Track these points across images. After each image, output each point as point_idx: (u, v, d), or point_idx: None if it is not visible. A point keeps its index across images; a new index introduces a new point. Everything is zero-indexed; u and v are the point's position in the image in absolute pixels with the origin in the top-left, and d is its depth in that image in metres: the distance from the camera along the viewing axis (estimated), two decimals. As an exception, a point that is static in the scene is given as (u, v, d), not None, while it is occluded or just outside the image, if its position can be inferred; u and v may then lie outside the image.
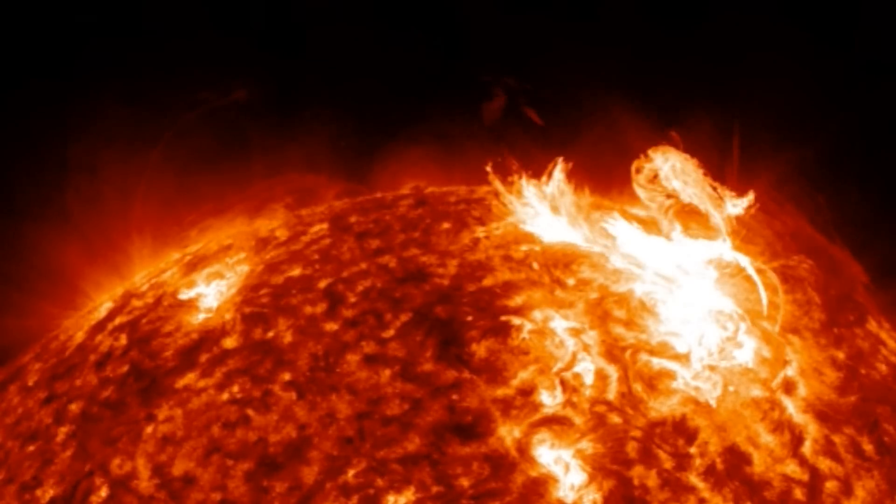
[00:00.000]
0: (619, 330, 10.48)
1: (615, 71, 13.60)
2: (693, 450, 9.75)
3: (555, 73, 13.84)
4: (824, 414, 10.39)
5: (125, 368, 10.97)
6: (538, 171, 12.61)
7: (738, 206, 11.22)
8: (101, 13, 13.43)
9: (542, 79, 13.84)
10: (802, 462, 9.98)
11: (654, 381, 10.11)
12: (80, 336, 11.95)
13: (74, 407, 10.93)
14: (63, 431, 10.80)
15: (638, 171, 11.52)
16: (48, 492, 10.39)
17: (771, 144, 13.03)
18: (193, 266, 12.14)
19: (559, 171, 11.69)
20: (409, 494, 9.42)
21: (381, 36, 13.50)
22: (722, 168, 12.56)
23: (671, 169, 11.36)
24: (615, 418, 9.82)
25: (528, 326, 10.38)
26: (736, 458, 9.81)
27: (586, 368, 10.14)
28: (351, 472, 9.55)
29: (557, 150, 12.88)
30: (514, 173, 11.77)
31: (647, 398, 9.98)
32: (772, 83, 13.43)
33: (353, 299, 10.80)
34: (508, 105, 13.16)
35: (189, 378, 10.54)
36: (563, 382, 9.99)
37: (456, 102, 13.20)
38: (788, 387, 10.45)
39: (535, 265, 11.05)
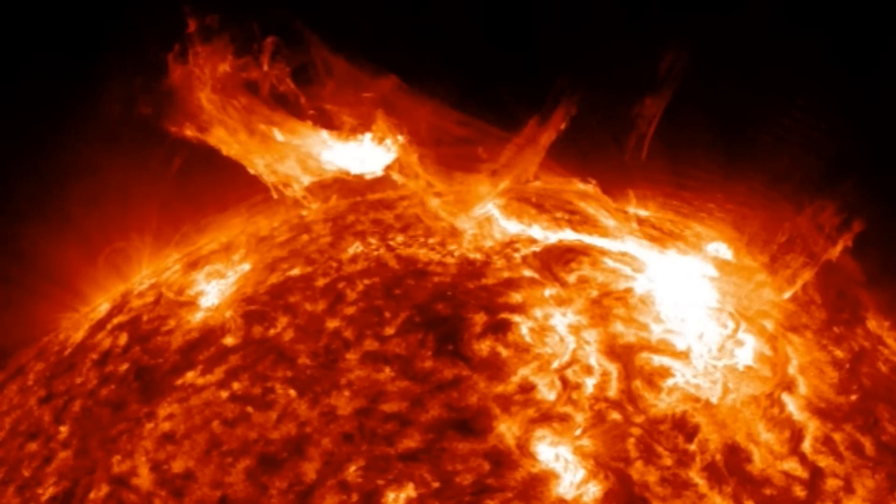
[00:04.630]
0: (619, 327, 10.48)
1: (618, 70, 13.61)
2: (693, 447, 9.75)
3: (556, 72, 13.83)
4: (824, 412, 10.38)
5: (126, 366, 10.98)
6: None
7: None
8: (102, 13, 13.43)
9: (542, 78, 13.84)
10: (803, 459, 9.97)
11: (654, 379, 10.11)
12: (80, 335, 11.96)
13: (74, 405, 10.93)
14: (63, 430, 10.79)
15: None
16: (48, 490, 10.39)
17: (771, 145, 13.05)
18: (194, 265, 12.16)
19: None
20: (410, 491, 9.41)
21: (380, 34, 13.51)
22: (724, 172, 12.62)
23: None
24: (615, 415, 9.82)
25: (529, 324, 10.38)
26: (736, 456, 9.81)
27: (586, 366, 10.14)
28: (351, 469, 9.54)
29: (558, 150, 12.94)
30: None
31: (648, 395, 9.98)
32: (774, 86, 13.44)
33: (353, 297, 10.81)
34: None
35: (189, 376, 10.55)
36: (563, 379, 10.00)
37: (457, 100, 13.20)
38: (789, 385, 10.45)
39: (534, 267, 11.07)
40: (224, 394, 10.28)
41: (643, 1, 13.78)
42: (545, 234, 11.64)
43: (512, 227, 11.69)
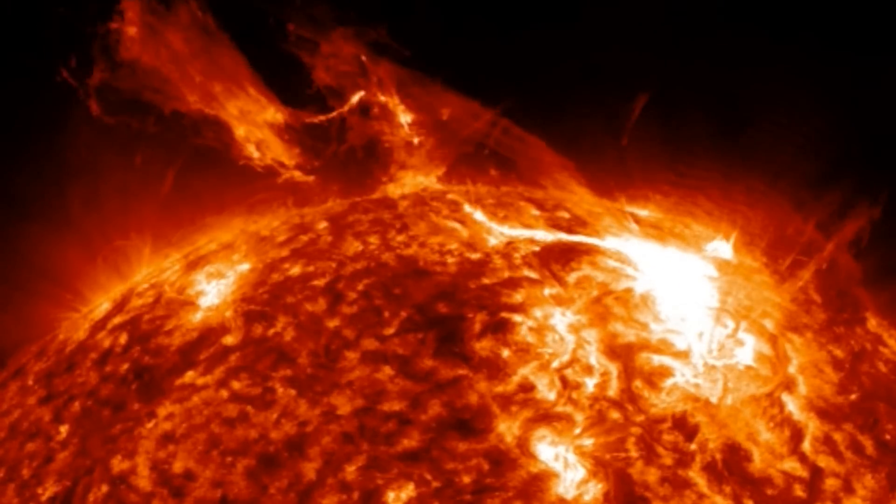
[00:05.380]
0: (619, 327, 10.48)
1: (618, 70, 13.62)
2: (693, 446, 9.75)
3: (556, 73, 13.86)
4: (824, 411, 10.39)
5: (126, 366, 10.98)
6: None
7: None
8: (102, 13, 13.43)
9: (542, 79, 13.86)
10: (803, 459, 9.97)
11: (654, 378, 10.11)
12: (80, 335, 11.96)
13: (74, 405, 10.93)
14: (63, 429, 10.80)
15: None
16: (48, 489, 10.39)
17: (770, 144, 13.06)
18: (194, 265, 12.16)
19: None
20: (410, 490, 9.41)
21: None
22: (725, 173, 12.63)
23: None
24: (615, 415, 9.82)
25: (529, 323, 10.38)
26: (736, 455, 9.81)
27: (586, 365, 10.14)
28: (351, 468, 9.54)
29: (558, 150, 12.95)
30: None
31: (648, 395, 9.98)
32: (773, 85, 13.45)
33: (352, 297, 10.81)
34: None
35: (189, 375, 10.55)
36: (563, 379, 10.00)
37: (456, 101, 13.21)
38: (789, 385, 10.45)
39: (534, 267, 11.07)
40: (224, 393, 10.28)
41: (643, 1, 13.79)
42: (545, 233, 11.63)
43: (512, 227, 11.69)
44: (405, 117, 13.13)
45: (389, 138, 13.07)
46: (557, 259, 11.14)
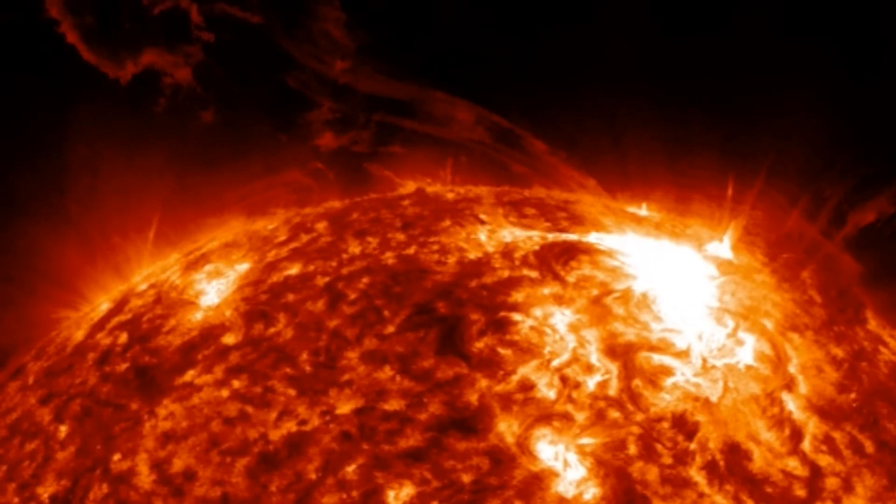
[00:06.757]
0: (619, 326, 10.48)
1: (617, 71, 13.62)
2: (693, 445, 9.75)
3: (556, 73, 13.86)
4: (824, 411, 10.39)
5: (126, 366, 10.98)
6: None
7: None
8: (101, 13, 13.45)
9: (542, 79, 13.86)
10: (803, 458, 9.98)
11: (654, 378, 10.11)
12: (80, 335, 11.96)
13: (74, 404, 10.93)
14: (63, 429, 10.79)
15: None
16: (49, 489, 10.39)
17: (770, 143, 13.06)
18: (194, 264, 12.16)
19: None
20: (410, 489, 9.41)
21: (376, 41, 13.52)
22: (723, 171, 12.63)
23: None
24: (615, 414, 9.82)
25: (529, 322, 10.38)
26: (736, 454, 9.81)
27: (586, 364, 10.14)
28: (351, 468, 9.54)
29: (558, 150, 12.95)
30: None
31: (648, 394, 9.98)
32: (773, 85, 13.45)
33: (353, 296, 10.81)
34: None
35: (189, 375, 10.55)
36: (563, 378, 9.99)
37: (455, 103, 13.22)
38: (789, 384, 10.45)
39: (534, 266, 11.07)
40: (224, 392, 10.28)
41: (643, 2, 13.79)
42: (545, 233, 11.64)
43: (511, 226, 11.69)
44: (405, 117, 13.12)
45: (389, 138, 13.07)
46: (557, 258, 11.14)
